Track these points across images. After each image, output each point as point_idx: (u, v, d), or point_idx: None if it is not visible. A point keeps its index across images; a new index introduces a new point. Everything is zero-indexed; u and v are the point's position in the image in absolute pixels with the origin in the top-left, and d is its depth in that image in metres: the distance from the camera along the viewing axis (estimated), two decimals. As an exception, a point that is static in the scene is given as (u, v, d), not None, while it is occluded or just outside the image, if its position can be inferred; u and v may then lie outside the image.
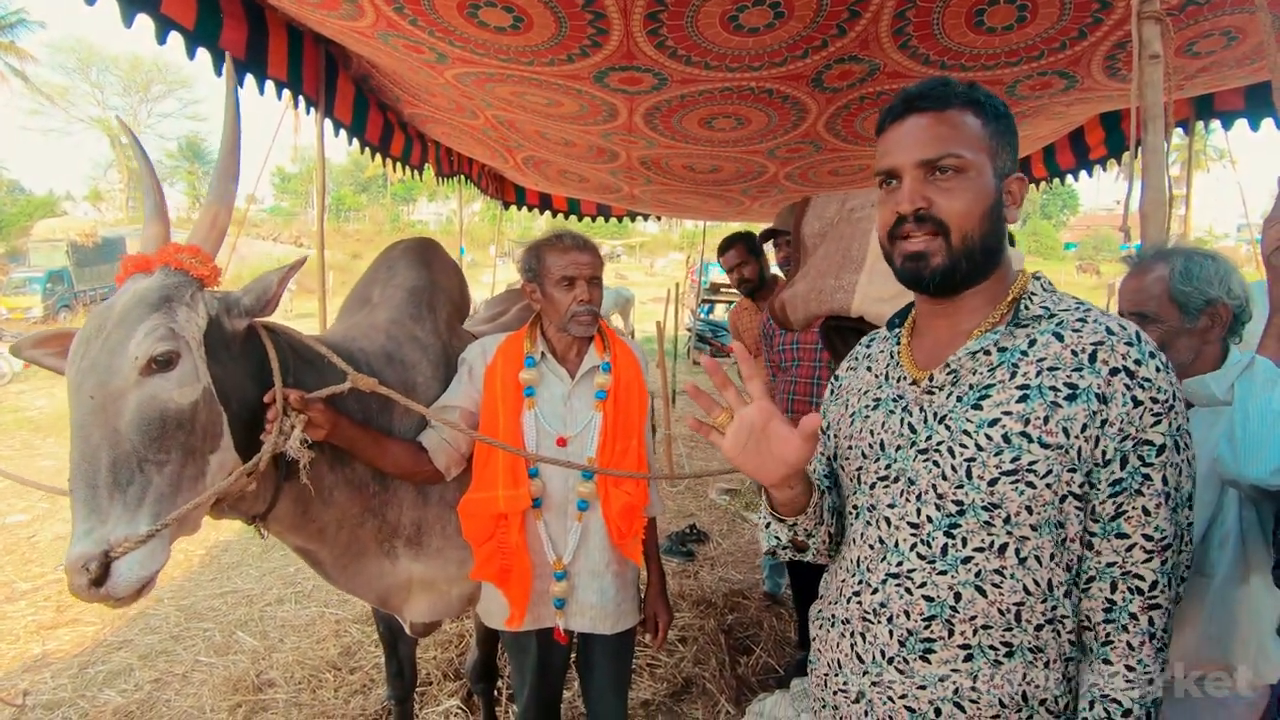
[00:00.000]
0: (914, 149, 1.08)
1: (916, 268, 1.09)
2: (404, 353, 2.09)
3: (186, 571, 4.79)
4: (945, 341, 1.15)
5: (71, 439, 1.43)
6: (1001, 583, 1.04)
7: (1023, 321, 1.08)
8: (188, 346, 1.47)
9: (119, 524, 1.35)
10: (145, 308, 1.45)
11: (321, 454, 1.74)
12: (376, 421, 1.93)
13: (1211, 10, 2.16)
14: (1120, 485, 1.01)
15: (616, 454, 1.97)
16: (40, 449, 8.03)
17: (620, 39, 2.26)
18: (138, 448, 1.39)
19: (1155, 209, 1.69)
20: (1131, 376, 1.00)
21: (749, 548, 5.10)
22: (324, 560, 1.95)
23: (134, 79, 45.20)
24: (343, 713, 3.13)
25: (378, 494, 1.97)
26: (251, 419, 1.60)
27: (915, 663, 1.08)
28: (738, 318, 4.09)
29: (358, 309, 2.26)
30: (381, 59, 2.95)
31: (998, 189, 1.09)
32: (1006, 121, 1.11)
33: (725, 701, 3.18)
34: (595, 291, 1.99)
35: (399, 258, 2.33)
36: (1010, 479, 1.02)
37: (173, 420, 1.43)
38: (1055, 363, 1.03)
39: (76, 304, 20.12)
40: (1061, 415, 1.00)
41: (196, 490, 1.47)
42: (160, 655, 3.68)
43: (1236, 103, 3.26)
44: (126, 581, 1.34)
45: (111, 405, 1.40)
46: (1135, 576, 1.02)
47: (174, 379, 1.43)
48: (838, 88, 2.69)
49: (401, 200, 53.90)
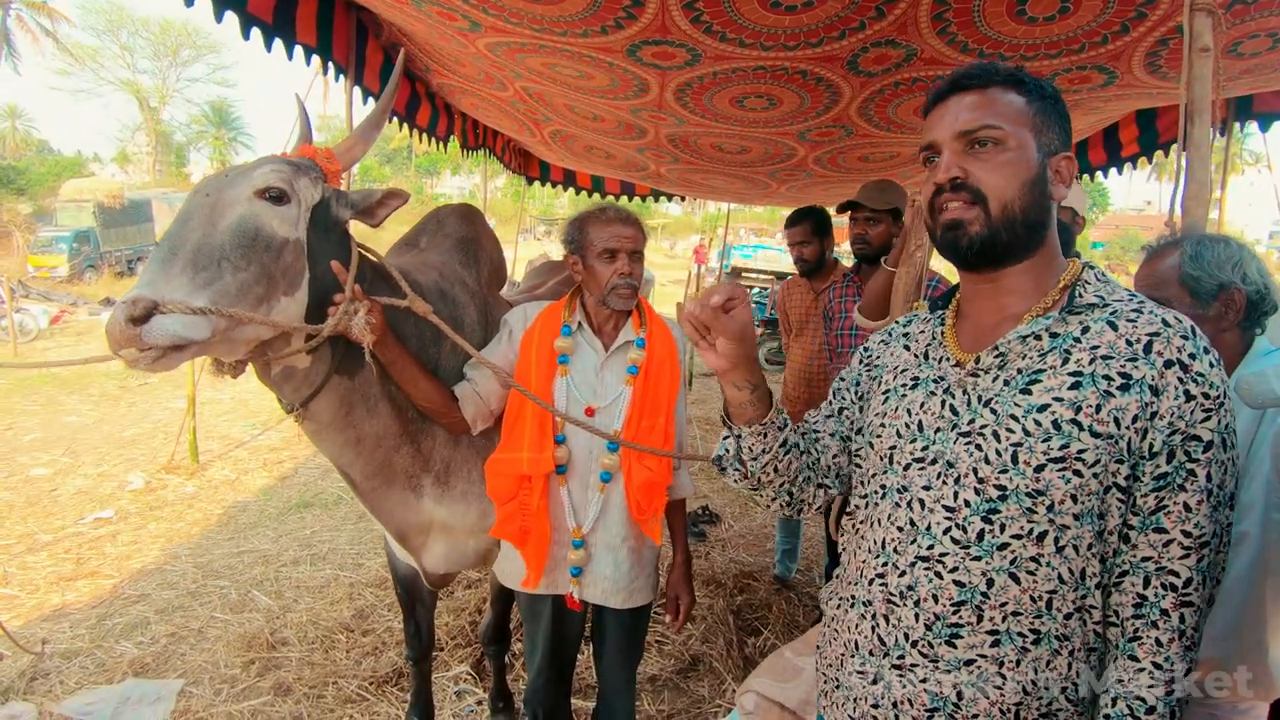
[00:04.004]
0: (954, 123, 1.09)
1: (955, 236, 1.09)
2: (454, 293, 2.19)
3: (204, 530, 4.87)
4: (991, 324, 1.14)
5: (171, 224, 1.58)
6: (1036, 570, 1.03)
7: (1076, 308, 1.07)
8: (299, 200, 1.70)
9: (180, 289, 1.45)
10: (278, 160, 1.73)
11: (374, 364, 1.85)
12: (425, 353, 2.00)
13: (1259, 10, 2.12)
14: (1164, 480, 1.00)
15: (643, 430, 1.99)
16: (65, 405, 8.16)
17: (655, 13, 2.24)
18: (225, 245, 1.55)
19: (1197, 205, 1.67)
20: (1185, 370, 0.99)
21: (761, 531, 5.12)
22: (354, 476, 2.01)
23: (164, 42, 45.13)
24: (354, 673, 3.18)
25: (416, 420, 2.04)
26: (325, 296, 1.76)
27: (940, 647, 1.08)
28: (787, 293, 4.07)
29: (404, 251, 2.36)
30: (414, 26, 2.94)
31: (1041, 164, 1.08)
32: (1054, 102, 1.11)
33: (731, 680, 3.21)
34: (636, 265, 2.01)
35: (448, 215, 2.47)
36: (1057, 466, 1.01)
37: (263, 242, 1.61)
38: (1109, 351, 1.02)
39: (102, 264, 20.27)
40: (1114, 405, 1.00)
41: (258, 313, 1.58)
42: (177, 610, 3.75)
43: (1276, 105, 3.19)
44: (163, 331, 1.41)
45: (220, 207, 1.59)
46: (1170, 573, 1.01)
47: (279, 213, 1.65)
48: (873, 72, 2.65)
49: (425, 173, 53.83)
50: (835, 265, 3.83)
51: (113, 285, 18.76)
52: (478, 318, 2.22)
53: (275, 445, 6.73)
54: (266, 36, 2.57)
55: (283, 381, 1.78)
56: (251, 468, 6.23)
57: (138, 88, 44.59)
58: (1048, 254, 1.12)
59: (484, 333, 2.22)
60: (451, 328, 1.97)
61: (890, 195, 3.20)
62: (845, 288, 3.42)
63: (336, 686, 3.09)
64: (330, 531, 4.87)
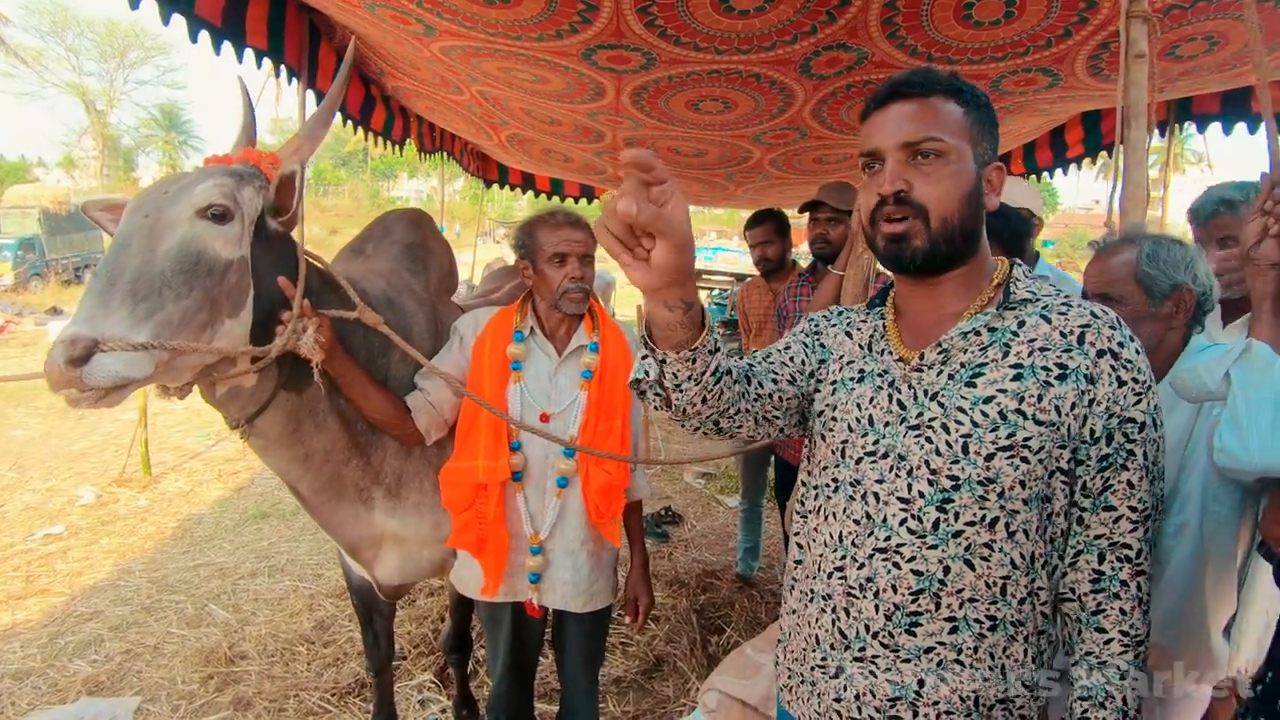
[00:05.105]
0: (897, 132, 1.10)
1: (899, 249, 1.11)
2: (402, 301, 2.15)
3: (159, 544, 4.76)
4: (931, 323, 1.17)
5: (109, 248, 1.51)
6: (990, 556, 1.07)
7: (1011, 304, 1.12)
8: (242, 216, 1.63)
9: (119, 324, 1.39)
10: (220, 173, 1.65)
11: (322, 379, 1.81)
12: (374, 364, 1.97)
13: (1195, 14, 2.19)
14: (1107, 461, 1.06)
15: (599, 434, 1.99)
16: (11, 418, 7.92)
17: (610, 17, 2.24)
18: (166, 272, 1.48)
19: (1135, 205, 1.72)
20: (1116, 358, 1.05)
21: (723, 530, 5.15)
22: (303, 491, 1.97)
23: (111, 44, 43.86)
24: (315, 685, 3.13)
25: (365, 433, 2.00)
26: (270, 311, 1.71)
27: (901, 636, 1.11)
28: (746, 294, 4.10)
29: (351, 259, 2.30)
30: (367, 30, 2.91)
31: (977, 176, 1.11)
32: (987, 111, 1.14)
33: (696, 680, 3.22)
34: (587, 269, 2.00)
35: (395, 220, 2.42)
36: (1006, 454, 1.06)
37: (205, 265, 1.54)
38: (1045, 343, 1.08)
39: (48, 272, 19.66)
40: (1054, 394, 1.05)
41: (202, 340, 1.53)
42: (131, 627, 3.66)
43: (1213, 106, 3.29)
44: (105, 373, 1.36)
45: (159, 229, 1.52)
46: (1124, 546, 1.08)
47: (221, 233, 1.58)
48: (825, 75, 2.69)
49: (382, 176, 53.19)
50: (794, 267, 3.88)
51: (59, 293, 18.22)
52: (427, 325, 2.19)
53: (230, 456, 6.58)
54: (215, 39, 2.51)
55: (228, 400, 1.74)
56: (206, 479, 6.10)
57: (84, 90, 43.29)
58: (980, 258, 1.16)
59: (434, 341, 2.19)
60: (401, 337, 1.94)
61: (851, 196, 3.24)
62: (800, 287, 3.44)
63: (298, 699, 3.04)
64: (288, 542, 4.79)
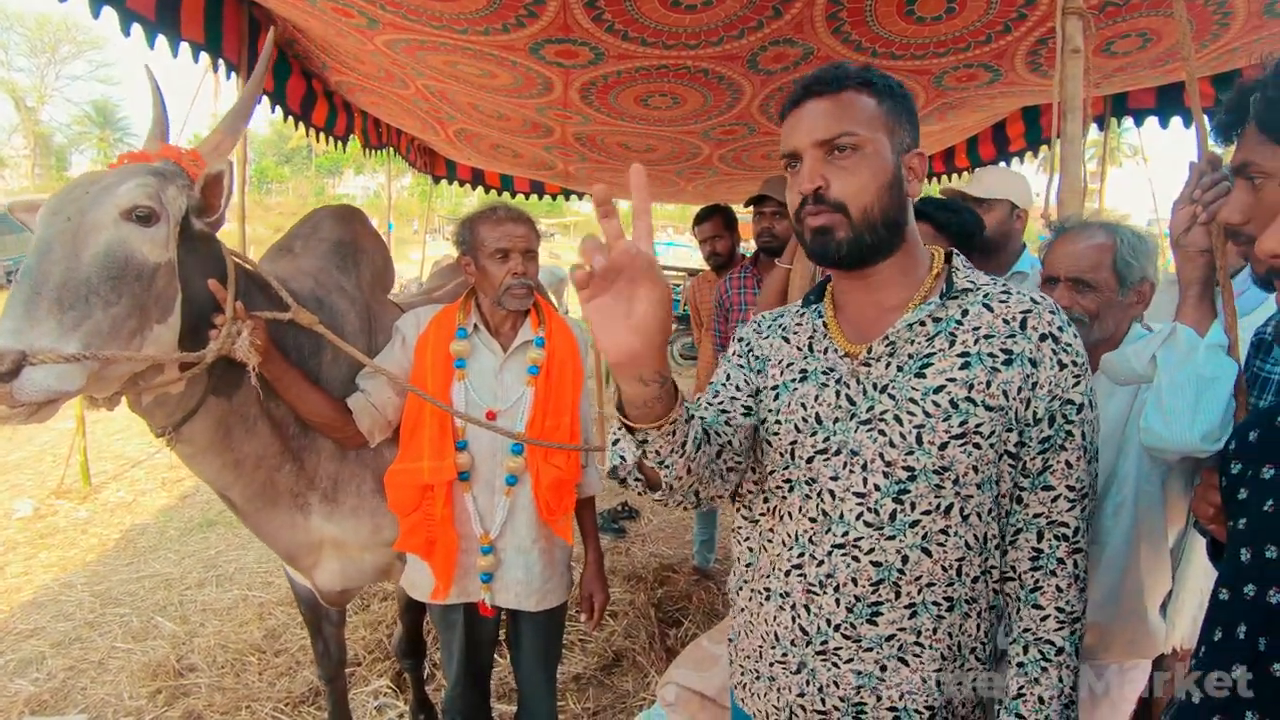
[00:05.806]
0: (812, 130, 1.11)
1: (824, 242, 1.12)
2: (332, 300, 2.09)
3: (101, 556, 4.60)
4: (872, 317, 1.18)
5: (30, 253, 1.43)
6: (946, 541, 1.09)
7: (953, 294, 1.14)
8: (168, 217, 1.57)
9: (47, 335, 1.34)
10: (143, 172, 1.57)
11: (258, 383, 1.76)
12: (305, 366, 1.91)
13: (1129, 11, 2.25)
14: (1048, 442, 1.09)
15: (548, 429, 1.97)
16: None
17: (557, 11, 2.23)
18: (92, 279, 1.42)
19: (1072, 196, 1.77)
20: (1057, 342, 1.08)
21: (679, 524, 5.17)
22: (235, 499, 1.92)
23: (41, 39, 42.37)
24: (268, 695, 3.07)
25: (298, 437, 1.95)
26: (200, 314, 1.65)
27: (863, 627, 1.12)
28: (698, 288, 4.11)
29: (278, 257, 2.22)
30: (308, 22, 2.84)
31: (896, 164, 1.13)
32: (902, 100, 1.15)
33: (655, 673, 3.22)
34: (530, 264, 1.98)
35: (324, 217, 2.34)
36: (959, 442, 1.07)
37: (133, 270, 1.48)
38: (989, 331, 1.10)
39: (-23, 276, 18.91)
40: (1001, 379, 1.07)
41: (131, 347, 1.47)
42: (74, 642, 3.54)
43: (1148, 101, 3.40)
44: (36, 387, 1.31)
45: (84, 233, 1.44)
46: (1060, 525, 1.10)
47: (148, 235, 1.52)
48: (772, 70, 2.71)
49: (327, 173, 52.10)
50: (743, 260, 3.90)
51: (-10, 298, 17.51)
52: (360, 325, 2.13)
53: (174, 463, 6.35)
54: (149, 33, 2.42)
55: (155, 408, 1.67)
56: (149, 488, 5.93)
57: (13, 86, 41.77)
58: (911, 247, 1.17)
59: (368, 340, 2.13)
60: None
61: None
62: (743, 279, 3.43)
63: (250, 710, 2.98)
64: (236, 550, 4.68)
